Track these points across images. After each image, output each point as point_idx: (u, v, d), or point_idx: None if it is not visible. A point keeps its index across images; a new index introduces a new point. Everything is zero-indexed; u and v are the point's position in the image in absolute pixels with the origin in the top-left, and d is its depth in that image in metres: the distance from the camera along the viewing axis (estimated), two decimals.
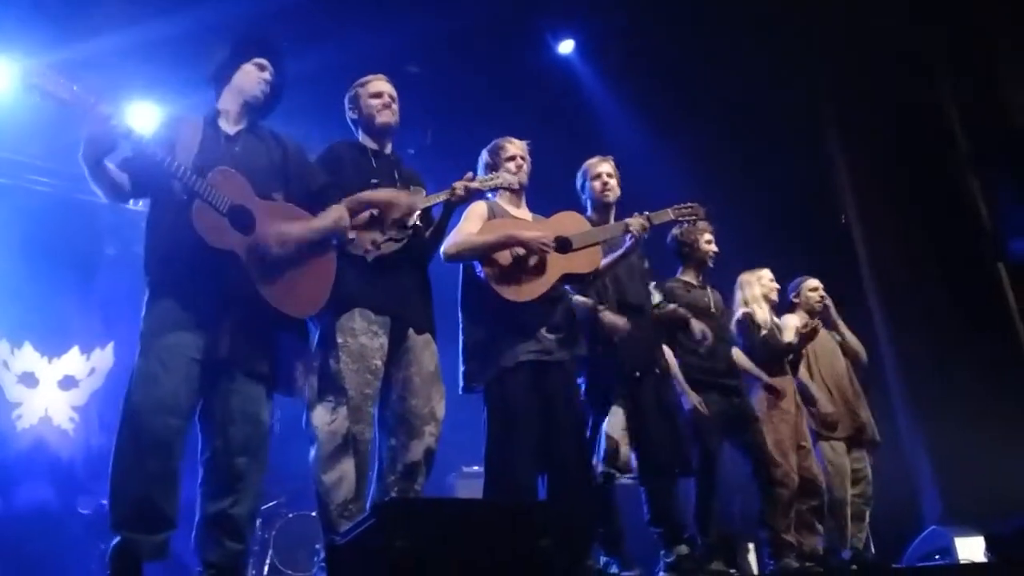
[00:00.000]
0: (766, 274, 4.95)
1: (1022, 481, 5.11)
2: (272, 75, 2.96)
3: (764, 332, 4.75)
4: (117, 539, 2.48)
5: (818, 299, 5.09)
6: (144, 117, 5.73)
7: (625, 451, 3.62)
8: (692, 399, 4.14)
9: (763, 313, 4.81)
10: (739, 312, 4.82)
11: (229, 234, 2.63)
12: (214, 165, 2.68)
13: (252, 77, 2.93)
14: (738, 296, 4.91)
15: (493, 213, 3.56)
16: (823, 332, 5.00)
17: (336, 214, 2.91)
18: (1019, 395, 5.54)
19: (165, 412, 2.52)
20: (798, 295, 5.14)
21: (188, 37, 5.06)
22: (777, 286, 4.95)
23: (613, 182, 3.96)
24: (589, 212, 3.98)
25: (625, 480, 3.71)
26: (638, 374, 3.75)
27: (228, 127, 2.91)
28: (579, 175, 4.08)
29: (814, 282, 5.16)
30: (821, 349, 5.01)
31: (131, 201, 2.86)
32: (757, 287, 4.88)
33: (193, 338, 2.60)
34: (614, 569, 3.56)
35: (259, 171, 2.81)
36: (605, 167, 4.00)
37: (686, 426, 3.95)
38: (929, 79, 6.22)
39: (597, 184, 3.97)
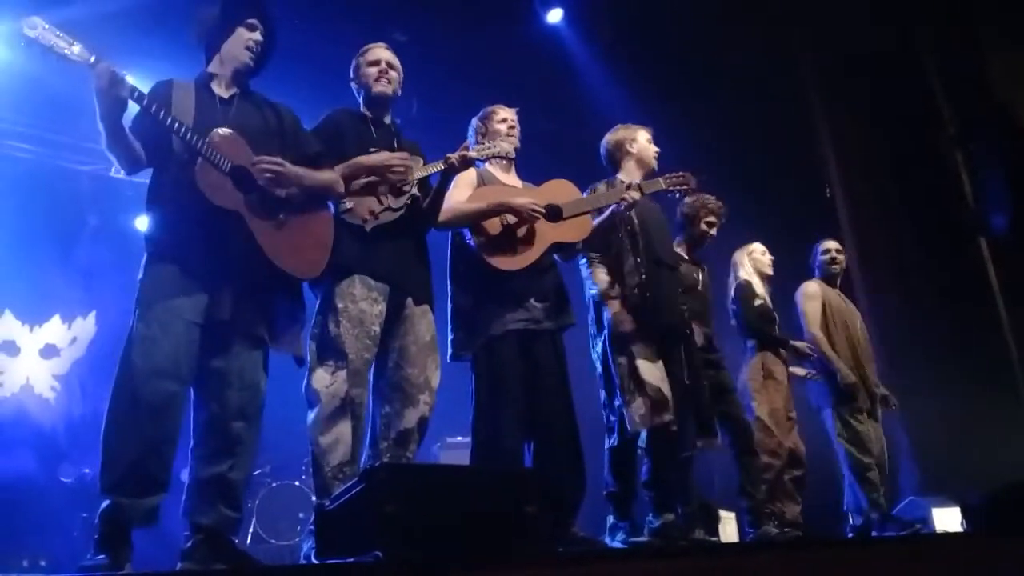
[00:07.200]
0: (757, 247, 4.98)
1: (997, 452, 5.18)
2: (262, 34, 2.90)
3: (759, 303, 4.79)
4: (107, 502, 2.44)
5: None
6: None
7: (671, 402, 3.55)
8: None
9: (759, 286, 4.85)
10: (739, 279, 4.85)
11: (232, 194, 2.61)
12: (211, 128, 2.65)
13: (243, 40, 2.86)
14: (735, 272, 4.93)
15: (483, 180, 3.55)
16: (837, 294, 5.04)
17: (332, 174, 2.94)
18: (997, 368, 5.61)
19: (164, 376, 2.49)
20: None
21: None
22: (770, 258, 4.97)
23: None
24: (631, 174, 3.92)
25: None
26: (686, 331, 3.80)
27: (221, 91, 2.87)
28: (612, 142, 4.02)
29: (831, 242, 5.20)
30: (836, 312, 4.97)
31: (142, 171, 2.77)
32: (749, 262, 4.91)
33: (193, 301, 2.57)
34: (621, 535, 3.56)
35: (255, 135, 2.78)
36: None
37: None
38: (915, 54, 6.22)
39: (652, 148, 3.98)
